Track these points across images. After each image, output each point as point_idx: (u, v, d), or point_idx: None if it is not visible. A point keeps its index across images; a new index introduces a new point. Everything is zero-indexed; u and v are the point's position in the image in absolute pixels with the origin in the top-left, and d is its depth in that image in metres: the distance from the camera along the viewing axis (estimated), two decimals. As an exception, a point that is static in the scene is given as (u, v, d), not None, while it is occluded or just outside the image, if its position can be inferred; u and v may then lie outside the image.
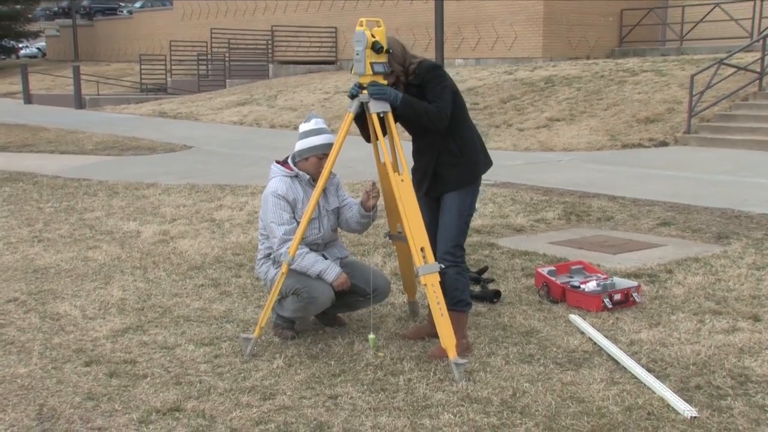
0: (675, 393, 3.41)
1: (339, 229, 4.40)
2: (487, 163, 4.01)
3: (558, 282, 4.83)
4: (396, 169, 3.81)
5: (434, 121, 3.75)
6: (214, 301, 4.88)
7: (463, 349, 3.86)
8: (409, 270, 4.37)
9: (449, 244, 3.83)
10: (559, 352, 3.94)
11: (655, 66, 15.81)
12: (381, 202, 4.22)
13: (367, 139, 3.99)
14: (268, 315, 3.96)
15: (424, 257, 3.64)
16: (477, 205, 7.68)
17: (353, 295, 4.17)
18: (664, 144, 12.00)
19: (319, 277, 4.01)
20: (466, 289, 3.94)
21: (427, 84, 3.77)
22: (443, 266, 3.74)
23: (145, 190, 8.98)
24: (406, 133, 3.98)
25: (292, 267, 3.98)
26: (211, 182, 9.51)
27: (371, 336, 3.96)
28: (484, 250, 6.05)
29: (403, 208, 3.65)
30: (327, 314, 4.34)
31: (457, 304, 3.88)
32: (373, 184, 4.11)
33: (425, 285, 3.62)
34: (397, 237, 4.22)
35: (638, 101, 13.73)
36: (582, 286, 4.76)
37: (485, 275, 5.29)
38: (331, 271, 4.01)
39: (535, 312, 4.58)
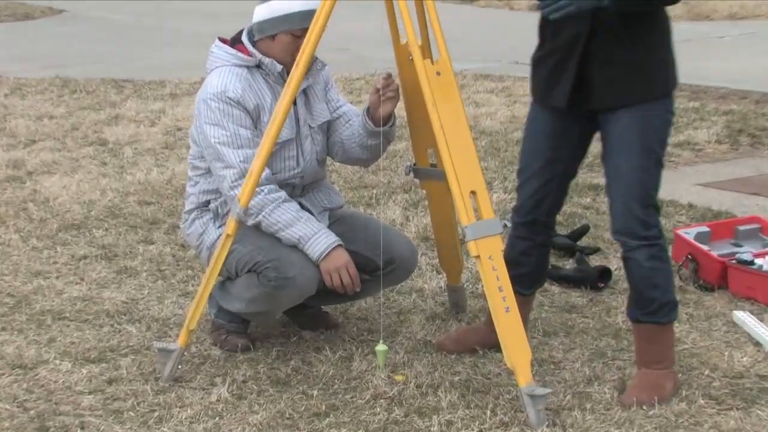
0: None
1: (329, 159, 4.42)
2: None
3: (714, 254, 4.85)
4: (427, 52, 3.79)
5: None
6: (107, 286, 4.93)
7: (669, 388, 3.83)
8: (448, 232, 4.38)
9: (637, 203, 3.75)
10: (715, 378, 3.96)
11: None
12: (402, 112, 4.22)
13: None
14: (202, 309, 4.00)
15: (475, 209, 3.66)
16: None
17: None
18: None
19: (297, 247, 4.05)
20: (669, 284, 3.91)
21: None
22: (633, 243, 3.70)
23: (-20, 88, 9.02)
24: None
25: (250, 223, 4.01)
26: (98, 74, 9.51)
27: (381, 348, 3.98)
28: (584, 197, 6.09)
29: (440, 121, 3.66)
30: (307, 308, 4.38)
31: (656, 313, 3.85)
32: (389, 76, 4.12)
33: (477, 258, 3.64)
34: (429, 173, 4.22)
35: None
36: (758, 262, 4.77)
37: (583, 242, 5.31)
38: (320, 240, 4.03)
39: (672, 307, 4.62)
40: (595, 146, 3.87)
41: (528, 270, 4.08)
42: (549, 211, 4.02)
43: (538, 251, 4.10)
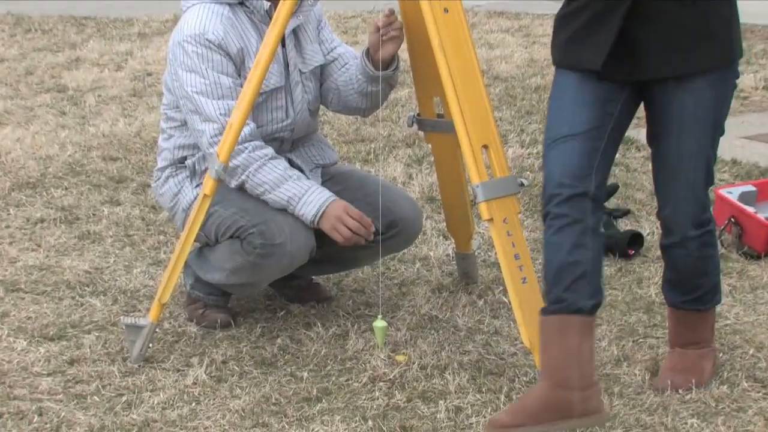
0: None
1: (321, 109, 4.44)
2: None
3: (761, 217, 4.87)
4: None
5: None
6: (67, 253, 4.96)
7: (708, 369, 3.84)
8: (457, 191, 4.43)
9: (701, 185, 3.74)
10: (761, 358, 3.99)
11: None
12: (405, 55, 4.23)
13: None
14: (176, 279, 4.03)
15: (488, 166, 3.68)
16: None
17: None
18: None
19: (286, 210, 4.07)
20: (718, 268, 3.93)
21: None
22: (689, 233, 3.66)
23: None
24: None
25: (233, 185, 4.04)
26: (55, 11, 9.47)
27: (379, 324, 3.98)
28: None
29: (448, 65, 3.68)
30: (295, 279, 4.42)
31: (700, 299, 3.86)
32: (391, 12, 4.11)
33: (489, 221, 3.67)
34: (435, 125, 4.25)
35: None
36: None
37: (611, 204, 5.29)
38: (312, 198, 4.04)
39: (712, 277, 4.64)
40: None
41: (584, 269, 3.52)
42: (598, 183, 3.57)
43: (592, 240, 3.55)
